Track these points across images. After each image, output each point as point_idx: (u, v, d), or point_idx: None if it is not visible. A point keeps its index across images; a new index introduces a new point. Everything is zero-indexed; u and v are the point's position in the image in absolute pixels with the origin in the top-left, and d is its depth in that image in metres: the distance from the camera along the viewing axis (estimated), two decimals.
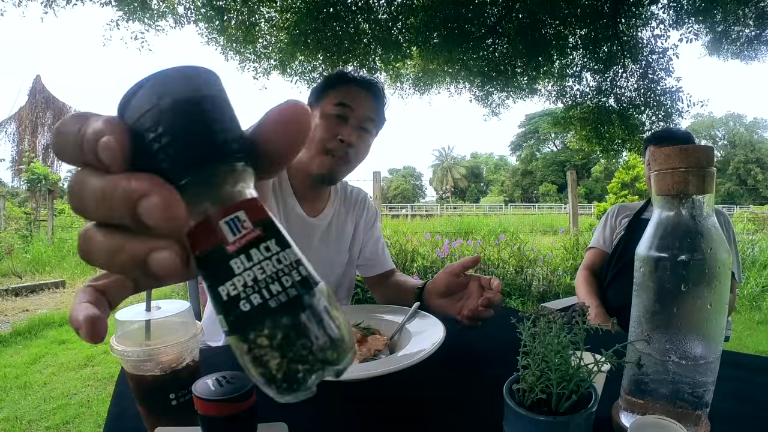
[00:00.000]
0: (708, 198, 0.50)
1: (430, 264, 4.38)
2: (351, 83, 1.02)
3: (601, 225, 1.79)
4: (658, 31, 5.68)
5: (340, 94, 1.00)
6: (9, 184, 11.58)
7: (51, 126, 11.07)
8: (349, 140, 0.99)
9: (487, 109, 6.70)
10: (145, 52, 5.17)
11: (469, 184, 56.87)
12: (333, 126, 0.99)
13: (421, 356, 0.66)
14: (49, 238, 7.90)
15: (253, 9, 5.08)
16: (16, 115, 11.03)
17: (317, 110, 1.02)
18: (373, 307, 0.97)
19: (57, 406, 2.32)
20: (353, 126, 1.00)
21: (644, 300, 0.53)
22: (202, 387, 0.42)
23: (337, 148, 0.99)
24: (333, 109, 0.99)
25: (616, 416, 0.56)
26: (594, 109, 6.10)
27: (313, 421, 0.61)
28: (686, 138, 1.54)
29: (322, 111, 1.01)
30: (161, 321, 0.53)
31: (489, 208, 32.10)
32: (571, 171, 6.65)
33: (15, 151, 10.85)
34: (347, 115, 0.99)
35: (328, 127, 0.99)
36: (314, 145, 1.01)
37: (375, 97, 1.03)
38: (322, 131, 1.00)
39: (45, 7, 4.53)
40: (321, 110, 1.01)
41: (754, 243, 6.09)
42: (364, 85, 1.03)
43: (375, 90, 1.04)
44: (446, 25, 5.08)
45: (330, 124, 0.99)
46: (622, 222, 1.71)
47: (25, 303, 4.66)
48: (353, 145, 1.00)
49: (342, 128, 0.99)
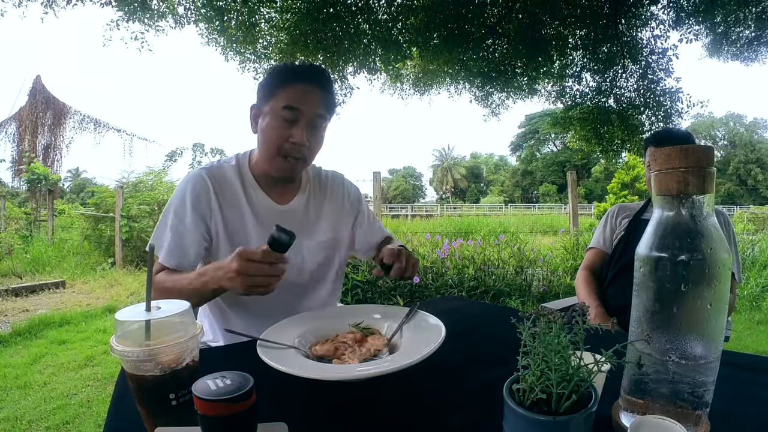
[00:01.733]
0: (708, 198, 0.50)
1: (431, 264, 4.37)
2: (298, 81, 1.01)
3: (601, 225, 1.79)
4: (658, 31, 5.67)
5: (288, 96, 1.00)
6: (9, 184, 11.56)
7: (51, 126, 11.06)
8: (301, 141, 1.00)
9: (487, 110, 6.70)
10: (145, 52, 5.17)
11: (469, 184, 56.85)
12: (284, 129, 1.00)
13: (421, 356, 0.66)
14: (49, 238, 7.90)
15: (253, 9, 5.08)
16: (16, 115, 11.02)
17: (267, 107, 1.03)
18: (373, 307, 0.97)
19: (57, 406, 2.32)
20: (303, 126, 1.01)
21: (644, 300, 0.53)
22: (202, 387, 0.42)
23: (291, 150, 1.01)
24: (282, 113, 1.00)
25: (616, 416, 0.56)
26: (594, 109, 6.09)
27: (313, 421, 0.61)
28: (686, 138, 1.53)
29: (273, 111, 1.01)
30: (161, 321, 0.53)
31: (489, 208, 32.11)
32: (571, 171, 6.64)
33: (15, 151, 10.83)
34: (297, 118, 1.00)
35: (280, 130, 1.01)
36: (268, 147, 1.03)
37: (323, 90, 1.03)
38: (273, 134, 1.01)
39: (45, 7, 4.53)
40: (271, 110, 1.02)
41: (754, 243, 6.09)
42: (312, 80, 1.02)
43: (322, 82, 1.03)
44: (446, 26, 5.08)
45: (281, 126, 1.00)
46: (622, 222, 1.71)
47: (25, 303, 4.66)
48: (306, 143, 1.01)
49: (293, 130, 1.00)
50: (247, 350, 0.75)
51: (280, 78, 1.02)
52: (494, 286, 4.23)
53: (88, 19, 13.91)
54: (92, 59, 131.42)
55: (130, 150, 11.10)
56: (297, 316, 0.94)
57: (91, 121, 11.25)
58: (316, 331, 0.87)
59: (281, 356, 0.70)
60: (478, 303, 2.54)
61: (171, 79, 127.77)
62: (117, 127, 11.29)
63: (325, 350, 0.77)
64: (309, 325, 0.88)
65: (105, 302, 4.68)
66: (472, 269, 4.31)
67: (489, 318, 1.14)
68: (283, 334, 0.81)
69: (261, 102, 1.05)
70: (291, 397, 0.67)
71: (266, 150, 1.04)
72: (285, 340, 0.78)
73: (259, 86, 1.07)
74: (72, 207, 11.19)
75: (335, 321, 0.91)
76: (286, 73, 1.02)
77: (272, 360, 0.66)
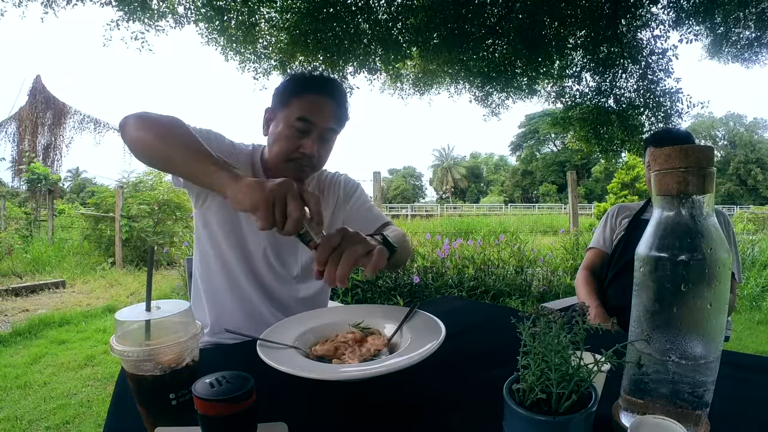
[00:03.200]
0: (708, 198, 0.50)
1: (431, 264, 4.37)
2: (313, 92, 1.02)
3: (601, 225, 1.79)
4: (658, 32, 5.67)
5: (302, 106, 1.01)
6: (9, 184, 11.56)
7: (51, 126, 11.06)
8: (311, 153, 1.02)
9: (487, 110, 6.70)
10: (146, 52, 5.17)
11: (469, 184, 56.86)
12: (295, 139, 1.02)
13: (421, 356, 0.66)
14: (49, 238, 7.90)
15: (253, 9, 5.08)
16: (16, 115, 11.02)
17: (281, 114, 1.04)
18: (373, 307, 0.97)
19: (57, 406, 2.32)
20: (315, 139, 1.02)
21: (644, 300, 0.53)
22: (202, 387, 0.42)
23: (301, 158, 1.03)
24: (296, 123, 1.01)
25: (616, 416, 0.56)
26: (593, 109, 6.09)
27: (313, 421, 0.61)
28: (686, 138, 1.53)
29: (286, 120, 1.02)
30: (161, 321, 0.53)
31: (489, 208, 32.14)
32: (571, 171, 6.65)
33: (15, 151, 10.84)
34: (309, 129, 1.01)
35: (291, 140, 1.02)
36: (278, 153, 1.04)
37: (337, 104, 1.04)
38: (285, 142, 1.02)
39: (45, 7, 4.53)
40: (285, 118, 1.02)
41: (754, 243, 6.09)
42: (327, 92, 1.03)
43: (337, 96, 1.05)
44: (446, 26, 5.08)
45: (292, 135, 1.02)
46: (622, 222, 1.71)
47: (25, 303, 4.66)
48: (315, 155, 1.03)
49: (304, 140, 1.02)
50: (247, 350, 0.75)
51: (296, 87, 1.03)
52: (494, 286, 4.23)
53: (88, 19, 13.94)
54: (92, 59, 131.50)
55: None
56: (297, 316, 0.94)
57: (91, 121, 11.26)
58: (316, 331, 0.87)
59: (281, 356, 0.70)
60: (478, 303, 2.54)
61: (171, 79, 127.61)
62: (117, 126, 11.27)
63: (325, 350, 0.77)
64: (309, 325, 0.88)
65: (105, 302, 4.68)
66: (472, 269, 4.31)
67: (489, 318, 1.14)
68: (283, 334, 0.81)
69: (276, 107, 1.07)
70: (291, 397, 0.67)
71: (277, 155, 1.05)
72: (285, 340, 0.78)
73: (275, 91, 1.08)
74: (72, 207, 11.20)
75: (335, 321, 0.91)
76: (302, 83, 1.04)
77: (272, 360, 0.66)
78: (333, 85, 1.06)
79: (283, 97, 1.05)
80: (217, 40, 5.35)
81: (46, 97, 11.05)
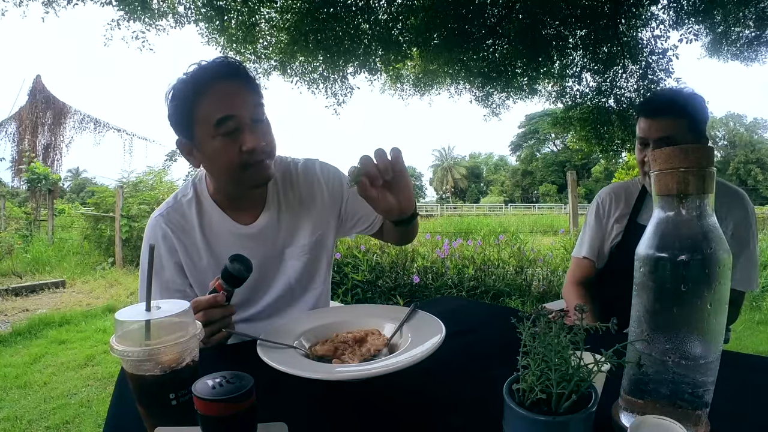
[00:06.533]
0: (708, 198, 0.50)
1: (430, 264, 4.37)
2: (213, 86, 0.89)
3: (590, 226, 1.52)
4: (658, 31, 5.68)
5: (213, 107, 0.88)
6: (9, 184, 11.57)
7: (51, 126, 11.06)
8: (256, 145, 0.90)
9: (487, 110, 6.71)
10: (146, 51, 5.18)
11: (469, 184, 56.87)
12: (230, 144, 0.90)
13: (421, 356, 0.66)
14: (49, 238, 7.90)
15: (253, 9, 5.08)
16: (16, 115, 11.03)
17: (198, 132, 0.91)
18: (373, 307, 0.98)
19: (57, 406, 2.32)
20: (248, 130, 0.90)
21: (644, 300, 0.53)
22: (202, 387, 0.42)
23: (249, 158, 0.92)
24: (220, 129, 0.88)
25: (616, 416, 0.56)
26: (594, 109, 6.10)
27: (313, 421, 0.61)
28: (677, 97, 1.29)
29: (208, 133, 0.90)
30: (161, 321, 0.53)
31: (489, 208, 32.15)
32: (571, 171, 6.65)
33: (15, 151, 10.85)
34: (237, 125, 0.89)
35: (228, 149, 0.90)
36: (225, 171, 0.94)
37: (242, 79, 0.92)
38: (224, 156, 0.91)
39: (45, 7, 4.54)
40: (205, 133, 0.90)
41: None
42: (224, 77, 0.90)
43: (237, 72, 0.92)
44: (446, 26, 5.08)
45: (226, 144, 0.90)
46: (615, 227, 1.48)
47: (25, 303, 4.66)
48: (261, 143, 0.92)
49: (240, 138, 0.90)
50: (247, 350, 0.75)
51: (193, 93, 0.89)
52: (494, 286, 4.23)
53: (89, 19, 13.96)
54: (92, 59, 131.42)
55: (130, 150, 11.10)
56: (297, 316, 0.94)
57: (91, 120, 11.27)
58: (316, 331, 0.87)
59: (281, 356, 0.70)
60: (478, 303, 2.54)
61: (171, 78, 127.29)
62: (117, 126, 11.28)
63: (325, 350, 0.77)
64: (309, 325, 0.88)
65: (105, 302, 4.68)
66: (472, 269, 4.31)
67: (489, 318, 1.14)
68: (283, 334, 0.81)
69: (185, 131, 0.93)
70: (291, 397, 0.67)
71: (227, 173, 0.94)
72: (285, 340, 0.78)
73: (172, 119, 0.94)
74: (72, 207, 11.21)
75: (335, 321, 0.91)
76: (195, 85, 0.89)
77: (272, 360, 0.66)
78: (225, 64, 0.91)
79: (185, 116, 0.91)
80: (217, 40, 5.36)
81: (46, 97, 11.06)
